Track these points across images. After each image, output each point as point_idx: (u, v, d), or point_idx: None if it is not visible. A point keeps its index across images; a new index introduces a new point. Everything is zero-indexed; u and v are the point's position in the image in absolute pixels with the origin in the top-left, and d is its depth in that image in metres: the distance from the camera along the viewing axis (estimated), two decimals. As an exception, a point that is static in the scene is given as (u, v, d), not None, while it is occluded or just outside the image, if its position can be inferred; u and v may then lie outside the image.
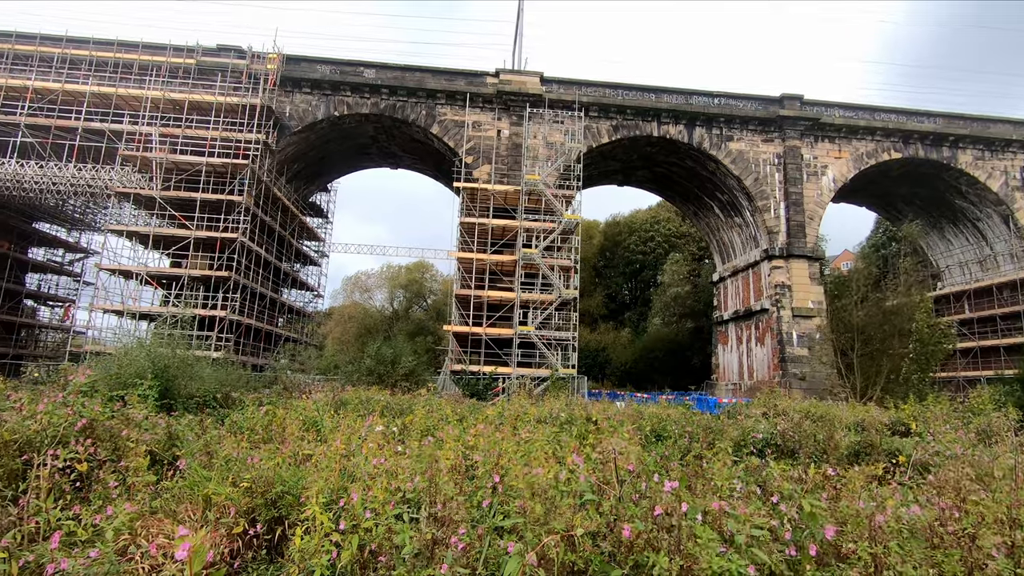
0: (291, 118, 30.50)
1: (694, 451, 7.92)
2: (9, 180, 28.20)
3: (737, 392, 33.15)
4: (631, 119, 31.98)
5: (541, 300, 28.46)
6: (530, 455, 5.14)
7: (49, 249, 40.03)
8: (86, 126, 27.83)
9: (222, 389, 11.67)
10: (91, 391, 8.40)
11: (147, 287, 27.96)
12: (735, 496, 3.88)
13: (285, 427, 7.55)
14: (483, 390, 23.76)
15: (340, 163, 38.11)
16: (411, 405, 12.06)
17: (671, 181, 37.68)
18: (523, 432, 7.03)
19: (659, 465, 5.65)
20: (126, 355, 10.85)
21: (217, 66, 29.51)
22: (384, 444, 5.57)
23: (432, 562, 2.68)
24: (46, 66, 28.98)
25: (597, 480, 3.39)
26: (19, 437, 4.82)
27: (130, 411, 6.27)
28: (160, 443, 5.94)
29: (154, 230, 27.39)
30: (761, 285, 32.83)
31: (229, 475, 4.52)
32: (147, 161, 27.26)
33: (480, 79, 31.87)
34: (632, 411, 12.94)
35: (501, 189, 29.27)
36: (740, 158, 32.34)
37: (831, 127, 33.09)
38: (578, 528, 2.53)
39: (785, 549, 2.70)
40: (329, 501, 3.78)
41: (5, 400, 5.89)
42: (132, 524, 3.79)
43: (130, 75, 29.12)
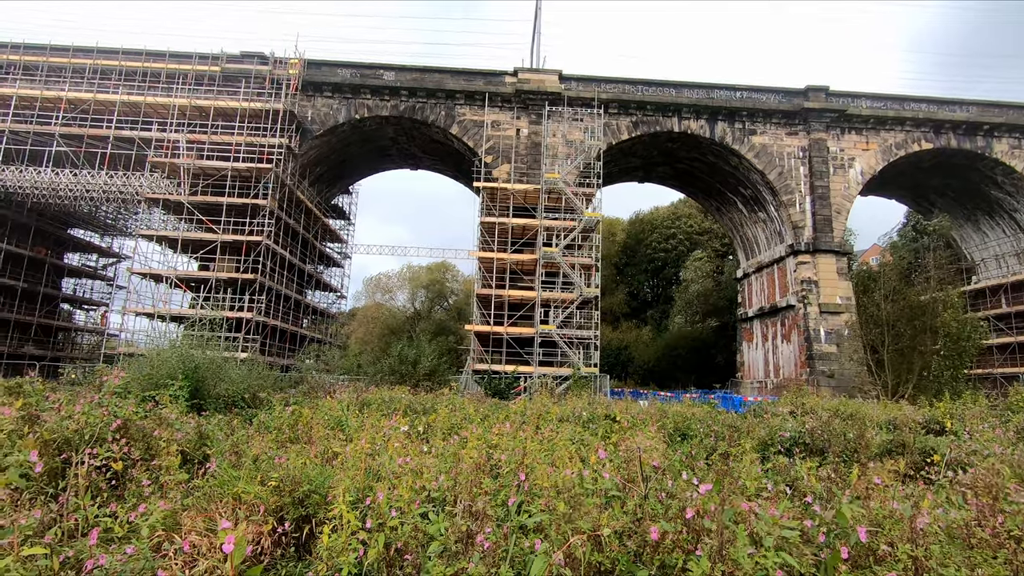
0: (313, 122, 30.93)
1: (720, 450, 7.83)
2: (45, 188, 29.19)
3: (763, 390, 32.61)
4: (651, 115, 31.67)
5: (562, 299, 28.38)
6: (554, 454, 5.13)
7: (83, 254, 41.34)
8: (117, 134, 28.63)
9: (250, 389, 11.90)
10: (125, 392, 8.64)
11: (177, 290, 28.68)
12: (764, 496, 3.81)
13: (311, 427, 7.66)
14: (505, 389, 23.79)
15: (361, 165, 38.54)
16: (434, 404, 12.14)
17: (693, 177, 37.21)
18: (546, 431, 7.02)
19: (685, 464, 5.59)
20: (158, 356, 11.15)
21: (241, 72, 30.10)
22: (408, 443, 5.61)
23: (459, 559, 2.69)
24: (78, 77, 29.91)
25: (622, 479, 3.36)
26: (58, 436, 4.98)
27: (162, 411, 6.43)
28: (191, 442, 6.08)
29: (183, 234, 28.07)
30: (787, 281, 32.22)
31: (258, 474, 4.61)
32: (175, 167, 27.94)
33: (499, 78, 31.90)
34: (655, 410, 12.83)
35: (521, 188, 29.26)
36: (764, 152, 31.78)
37: (858, 118, 32.28)
38: (604, 527, 2.51)
39: (819, 552, 2.64)
40: (355, 500, 3.82)
41: (44, 401, 6.09)
42: (166, 521, 3.88)
43: (158, 83, 29.89)
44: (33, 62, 29.96)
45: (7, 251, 32.25)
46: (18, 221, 33.50)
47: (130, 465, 4.94)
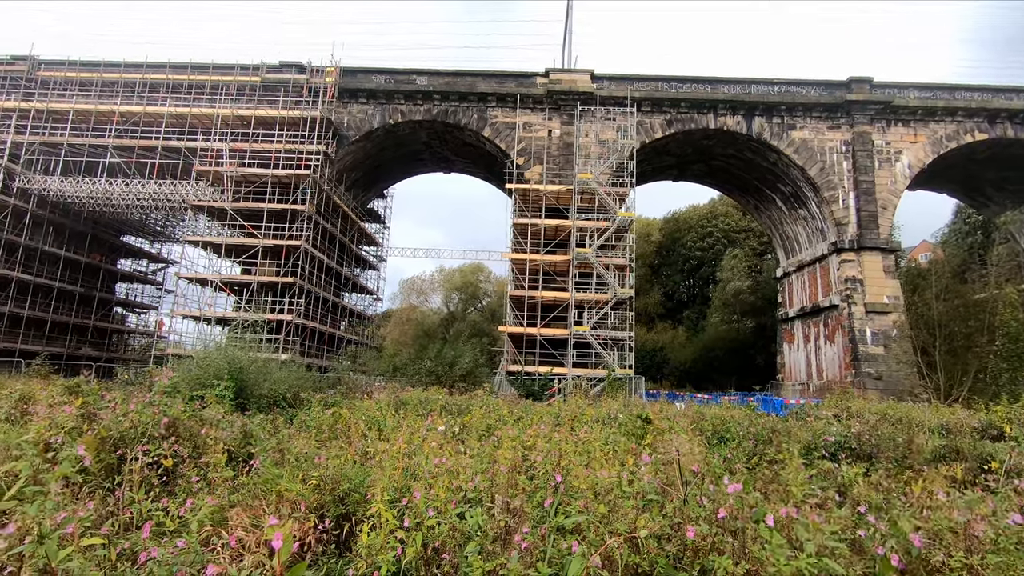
0: (349, 128, 31.60)
1: (762, 454, 7.62)
2: (100, 197, 30.73)
3: (805, 393, 31.59)
4: (685, 112, 31.14)
5: (596, 300, 28.16)
6: (590, 455, 5.09)
7: (135, 260, 43.33)
8: (165, 144, 29.91)
9: (291, 389, 12.22)
10: (174, 391, 9.01)
11: (221, 293, 29.74)
12: (811, 502, 3.69)
13: (350, 426, 7.82)
14: (539, 391, 23.75)
15: (395, 170, 39.15)
16: (468, 405, 12.22)
17: (729, 174, 36.40)
18: (581, 432, 6.98)
19: (723, 467, 5.47)
20: (205, 358, 11.58)
21: (280, 82, 31.02)
22: (445, 443, 5.67)
23: (496, 557, 2.70)
24: (129, 91, 31.37)
25: (660, 481, 3.32)
26: (114, 434, 5.23)
27: (208, 411, 6.67)
28: (236, 441, 6.29)
29: (226, 240, 29.09)
30: (830, 280, 31.15)
31: (299, 472, 4.73)
32: (219, 175, 28.99)
33: (530, 80, 31.92)
34: (692, 412, 12.59)
35: (553, 189, 29.19)
36: (804, 147, 30.83)
37: (905, 110, 30.97)
38: (642, 530, 2.48)
39: (873, 563, 2.54)
40: (393, 499, 3.88)
41: (100, 400, 6.40)
42: (213, 517, 4.03)
43: (202, 95, 31.09)
44: (88, 78, 31.58)
45: (66, 258, 34.07)
46: (75, 229, 35.36)
47: (180, 462, 5.15)
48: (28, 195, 31.01)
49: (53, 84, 31.88)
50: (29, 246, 31.55)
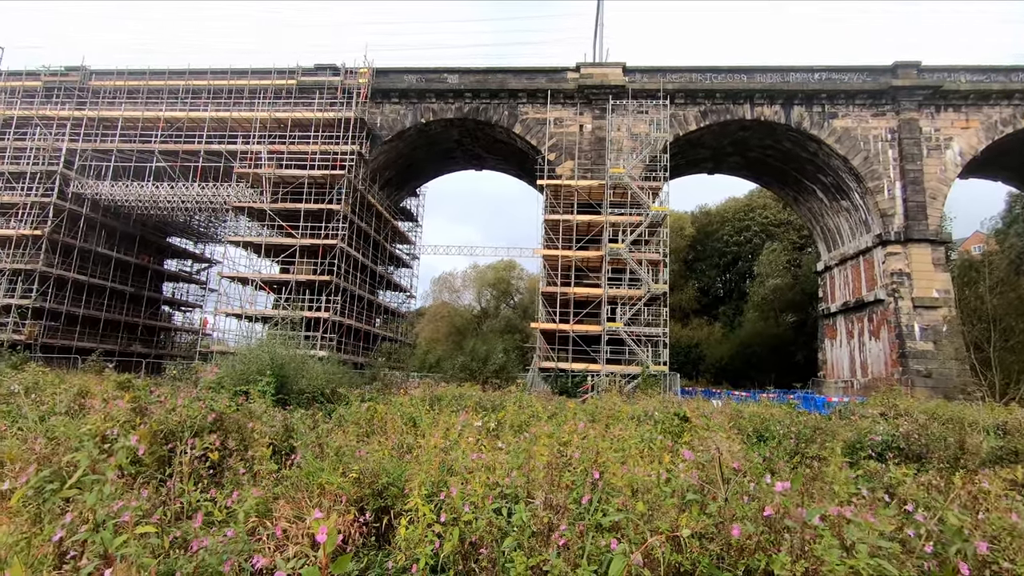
0: (382, 128, 32.05)
1: (804, 452, 7.40)
2: (148, 200, 32.04)
3: (848, 390, 30.56)
4: (721, 103, 30.43)
5: (629, 296, 27.86)
6: (625, 453, 5.04)
7: (180, 260, 45.04)
8: (207, 148, 30.96)
9: (328, 385, 12.50)
10: (219, 387, 9.33)
11: (261, 292, 30.64)
12: (857, 502, 3.57)
13: (386, 422, 7.95)
14: (572, 387, 23.68)
15: (427, 168, 39.53)
16: (502, 401, 12.26)
17: (766, 166, 35.43)
18: (616, 429, 6.92)
19: (765, 466, 5.34)
20: (248, 354, 11.95)
21: (315, 84, 31.69)
22: (480, 439, 5.71)
23: (537, 553, 2.70)
24: (173, 97, 32.58)
25: (699, 480, 3.26)
26: (164, 427, 5.45)
27: (252, 405, 6.88)
28: (278, 435, 6.47)
29: (265, 240, 29.94)
30: (874, 274, 30.00)
31: (339, 466, 4.84)
32: (258, 177, 29.85)
33: (561, 75, 31.73)
34: (730, 409, 12.33)
35: (585, 184, 28.98)
36: (846, 136, 29.74)
37: (956, 94, 29.50)
38: (684, 529, 2.44)
39: (923, 563, 2.43)
40: (430, 493, 3.93)
41: (150, 395, 6.67)
42: (259, 508, 4.16)
43: (242, 99, 32.04)
44: (135, 86, 32.93)
45: (117, 259, 35.65)
46: (125, 231, 36.97)
47: (226, 455, 5.33)
48: (82, 199, 32.56)
49: (103, 93, 33.36)
50: (83, 248, 33.13)
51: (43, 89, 33.75)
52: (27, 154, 32.13)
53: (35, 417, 6.44)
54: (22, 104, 33.49)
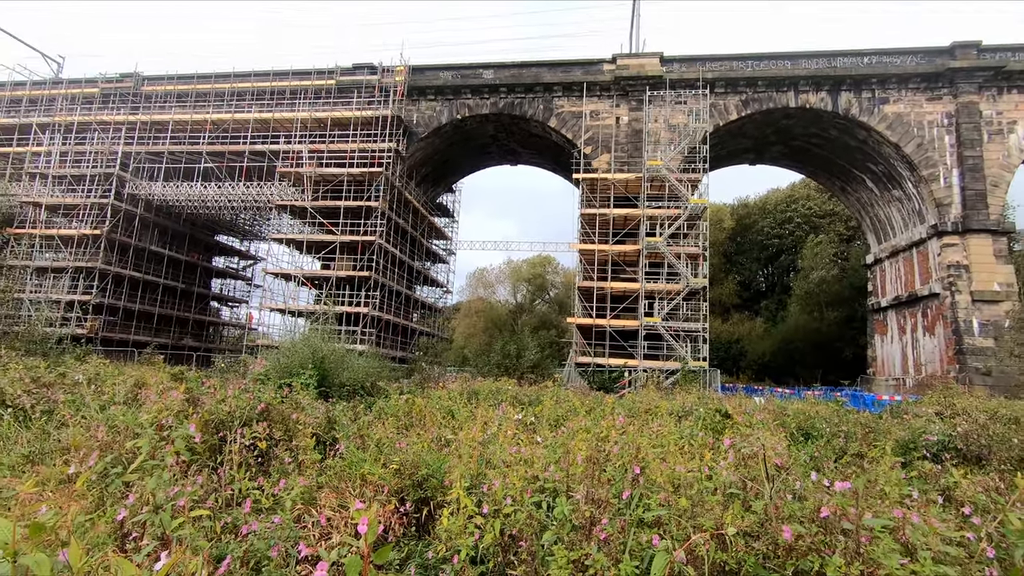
0: (418, 125, 32.40)
1: (852, 452, 7.13)
2: (196, 200, 33.35)
3: (900, 388, 29.28)
4: (763, 91, 29.48)
5: (667, 290, 27.40)
6: (665, 449, 4.98)
7: (227, 257, 46.74)
8: (251, 148, 31.98)
9: (368, 379, 12.77)
10: (265, 379, 9.65)
11: (303, 288, 31.52)
12: (909, 504, 3.42)
13: (424, 415, 8.07)
14: (609, 382, 23.49)
15: (463, 164, 39.77)
16: (538, 396, 12.27)
17: (812, 155, 34.17)
18: (655, 425, 6.83)
19: (811, 464, 5.18)
20: (291, 348, 12.33)
21: (353, 84, 32.27)
22: (519, 433, 5.73)
23: (579, 547, 2.70)
24: (219, 100, 33.75)
25: (741, 477, 3.18)
26: (215, 417, 5.67)
27: (297, 397, 7.09)
28: (321, 426, 6.65)
29: (307, 236, 30.75)
30: (929, 266, 28.58)
31: (380, 457, 4.94)
32: (299, 176, 30.66)
33: (596, 67, 31.35)
34: (773, 407, 11.99)
35: (622, 177, 28.60)
36: (898, 122, 28.36)
37: (1021, 75, 27.70)
38: (729, 527, 2.38)
39: (984, 568, 2.31)
40: (470, 486, 3.97)
41: (201, 386, 6.95)
42: (303, 496, 4.29)
43: (284, 100, 32.95)
44: (184, 90, 34.26)
45: (169, 256, 37.29)
46: (176, 230, 38.61)
47: (273, 445, 5.51)
48: (136, 200, 34.15)
49: (155, 97, 34.85)
50: (138, 246, 34.77)
51: (100, 95, 35.48)
52: (87, 158, 33.88)
53: (97, 406, 6.80)
54: (82, 110, 35.30)
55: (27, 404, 6.80)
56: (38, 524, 1.33)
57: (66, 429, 5.69)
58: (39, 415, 6.58)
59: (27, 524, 1.30)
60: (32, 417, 6.50)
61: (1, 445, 5.47)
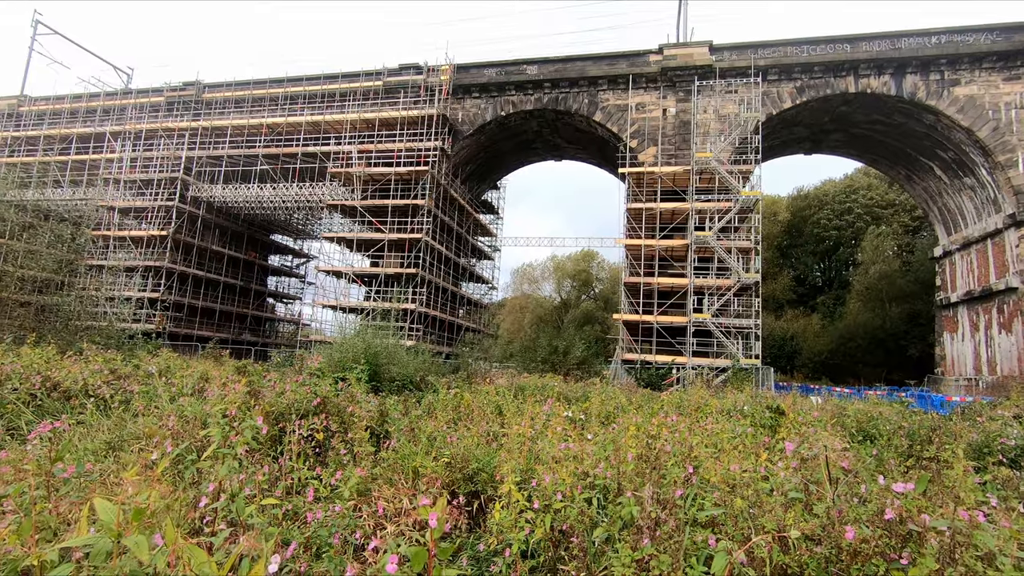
0: (463, 123, 32.70)
1: (917, 454, 6.77)
2: (253, 201, 34.83)
3: (972, 389, 27.49)
4: (819, 77, 28.18)
5: (717, 285, 26.67)
6: (717, 448, 4.87)
7: (282, 256, 48.62)
8: (303, 150, 33.11)
9: (417, 373, 13.05)
10: (320, 374, 10.00)
11: (353, 285, 32.44)
12: (985, 511, 3.22)
13: (473, 410, 8.18)
14: (657, 380, 23.11)
15: (508, 160, 39.88)
16: (585, 393, 12.22)
17: (873, 142, 32.43)
18: (706, 423, 6.69)
19: (874, 466, 4.96)
20: (345, 343, 12.74)
21: (400, 84, 32.88)
22: (569, 429, 5.74)
23: (634, 546, 2.69)
24: (273, 104, 35.10)
25: (802, 478, 3.08)
26: (275, 409, 5.94)
27: (352, 390, 7.33)
28: (374, 419, 6.85)
29: (356, 235, 31.61)
30: (1005, 259, 26.66)
31: (432, 450, 5.05)
32: (349, 175, 31.53)
33: (642, 59, 30.75)
34: (831, 406, 11.50)
35: (669, 171, 28.00)
36: (970, 105, 26.54)
37: (1112, 49, 25.41)
38: (792, 529, 2.31)
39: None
40: (521, 480, 4.01)
41: (262, 380, 7.28)
42: (358, 487, 4.44)
43: (333, 102, 33.92)
44: (241, 96, 35.79)
45: (228, 256, 39.11)
46: (234, 230, 40.44)
47: (329, 436, 5.72)
48: (198, 202, 35.97)
49: (215, 104, 36.56)
50: (200, 246, 36.64)
51: (165, 104, 37.53)
52: (154, 163, 35.93)
53: (167, 397, 7.24)
54: (149, 118, 37.44)
55: (107, 394, 7.31)
56: (139, 509, 1.45)
57: (141, 418, 6.08)
58: (117, 405, 7.06)
59: (130, 508, 1.43)
60: (111, 406, 6.98)
61: (85, 432, 5.90)
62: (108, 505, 1.42)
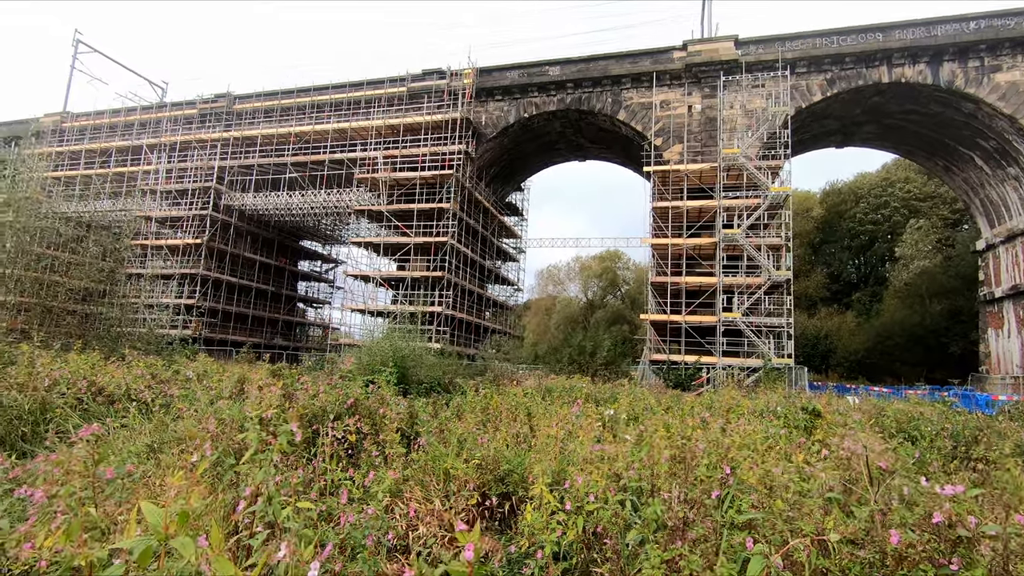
0: (486, 126, 32.84)
1: (962, 456, 6.52)
2: (283, 208, 35.60)
3: (1020, 387, 26.35)
4: (851, 67, 27.43)
5: (747, 284, 26.16)
6: (751, 449, 4.78)
7: (311, 261, 49.54)
8: (330, 157, 33.70)
9: (444, 376, 13.15)
10: (350, 376, 10.16)
11: (381, 288, 32.86)
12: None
13: (501, 412, 8.19)
14: (686, 380, 22.79)
15: (531, 162, 39.88)
16: (614, 394, 12.12)
17: (907, 133, 31.41)
18: (738, 424, 6.57)
19: (918, 468, 4.80)
20: (374, 346, 12.92)
21: (423, 90, 33.21)
22: (599, 431, 5.71)
23: (668, 548, 2.65)
24: (301, 113, 35.83)
25: (841, 480, 3.00)
26: (309, 412, 6.05)
27: (382, 392, 7.42)
28: (403, 420, 6.92)
29: (383, 239, 32.03)
30: (1053, 251, 25.51)
31: (462, 452, 5.08)
32: (375, 181, 31.96)
33: (666, 55, 30.41)
34: (869, 406, 11.16)
35: (695, 168, 27.61)
36: (1013, 91, 25.48)
37: None
38: (832, 533, 2.25)
39: None
40: (553, 482, 4.00)
41: (296, 382, 7.43)
42: (391, 488, 4.49)
43: (359, 109, 34.46)
44: (270, 106, 36.64)
45: (260, 262, 40.03)
46: (265, 237, 41.38)
47: (361, 438, 5.81)
48: (231, 210, 36.92)
49: (245, 115, 37.51)
50: (233, 253, 37.60)
51: (198, 116, 38.66)
52: (188, 173, 37.02)
53: (206, 401, 7.45)
54: (183, 130, 38.62)
55: (148, 398, 7.56)
56: (184, 512, 1.50)
57: (180, 421, 6.27)
58: (158, 408, 7.29)
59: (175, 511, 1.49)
60: (152, 410, 7.22)
61: (128, 435, 6.11)
62: (154, 508, 1.47)
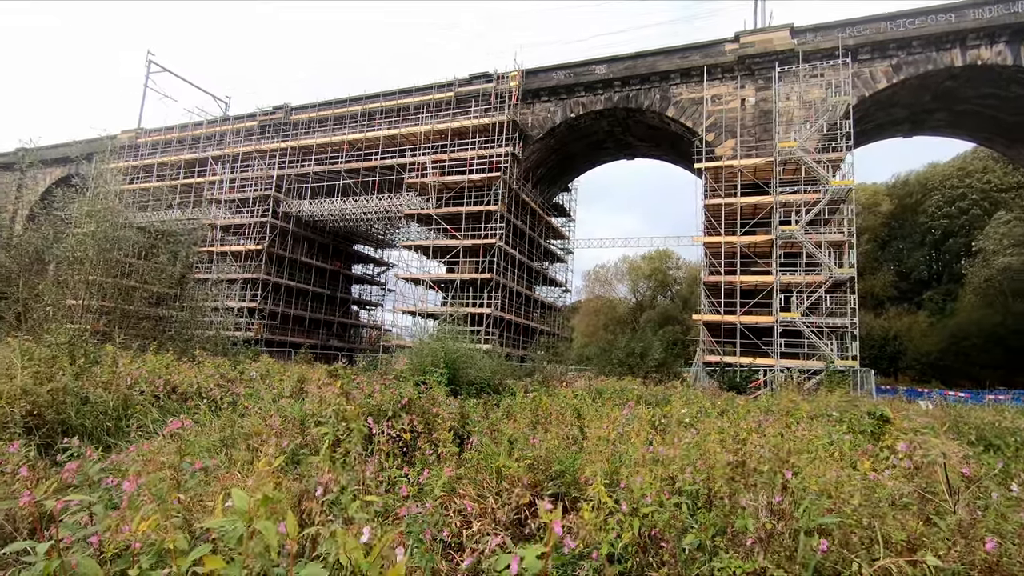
0: (533, 127, 32.90)
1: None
2: (337, 214, 36.86)
3: (1119, 393, 24.04)
4: (919, 52, 25.85)
5: (807, 282, 25.08)
6: (812, 455, 4.60)
7: (364, 265, 51.05)
8: (381, 163, 34.65)
9: (494, 377, 13.25)
10: (404, 376, 10.42)
11: (431, 291, 33.48)
12: None
13: (551, 413, 8.20)
14: (742, 383, 22.06)
15: (578, 162, 39.65)
16: (666, 396, 11.90)
17: (984, 119, 29.31)
18: (799, 428, 6.32)
19: (1002, 478, 4.48)
20: (425, 347, 13.19)
21: (471, 94, 33.63)
22: (652, 433, 5.63)
23: (753, 558, 2.58)
24: (353, 121, 36.99)
25: (916, 487, 2.84)
26: (365, 410, 6.26)
27: (434, 392, 7.58)
28: (455, 420, 7.04)
29: (432, 242, 32.63)
30: None
31: (514, 451, 5.13)
32: (424, 185, 32.62)
33: (717, 48, 29.60)
34: (943, 412, 10.50)
35: (749, 163, 26.72)
36: (1107, 70, 23.37)
37: None
38: (927, 554, 2.10)
39: None
40: (608, 483, 3.99)
41: (352, 382, 7.69)
42: (446, 486, 4.59)
43: (408, 115, 35.28)
44: (324, 116, 38.04)
45: (316, 266, 41.59)
46: (321, 242, 42.95)
47: (415, 436, 5.95)
48: (288, 217, 38.54)
49: (300, 125, 39.09)
50: (291, 258, 39.23)
51: (258, 127, 40.57)
52: (250, 183, 38.91)
53: (270, 399, 7.82)
54: (244, 142, 40.63)
55: (217, 396, 8.02)
56: (267, 497, 1.62)
57: (247, 418, 6.61)
58: (226, 405, 7.71)
59: (260, 497, 1.60)
60: (221, 407, 7.64)
61: (200, 430, 6.49)
62: (241, 493, 1.59)
